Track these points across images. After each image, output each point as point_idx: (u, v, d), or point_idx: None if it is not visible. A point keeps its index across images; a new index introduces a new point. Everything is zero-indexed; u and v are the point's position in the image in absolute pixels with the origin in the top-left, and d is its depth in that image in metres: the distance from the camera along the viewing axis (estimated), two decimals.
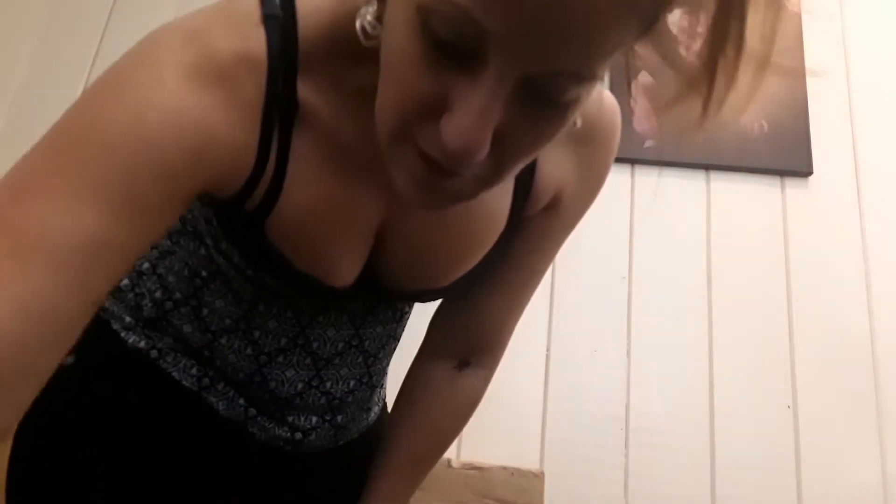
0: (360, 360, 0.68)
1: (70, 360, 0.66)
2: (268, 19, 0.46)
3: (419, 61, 0.39)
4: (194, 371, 0.64)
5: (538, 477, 1.29)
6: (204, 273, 0.62)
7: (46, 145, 0.42)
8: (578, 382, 1.43)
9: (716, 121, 0.38)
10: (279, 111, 0.47)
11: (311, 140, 0.50)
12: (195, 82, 0.43)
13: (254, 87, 0.46)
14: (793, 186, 1.57)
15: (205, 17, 0.46)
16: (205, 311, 0.63)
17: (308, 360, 0.65)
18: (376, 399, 0.75)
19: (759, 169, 1.57)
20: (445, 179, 0.43)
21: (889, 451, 1.37)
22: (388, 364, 0.74)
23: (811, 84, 1.64)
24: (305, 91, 0.48)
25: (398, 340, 0.73)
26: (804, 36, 1.68)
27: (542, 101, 0.39)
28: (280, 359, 0.64)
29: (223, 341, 0.63)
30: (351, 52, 0.47)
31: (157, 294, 0.65)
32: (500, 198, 0.59)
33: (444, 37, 0.37)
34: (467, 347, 0.74)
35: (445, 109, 0.39)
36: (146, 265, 0.66)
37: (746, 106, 0.37)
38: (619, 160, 1.58)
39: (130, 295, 0.66)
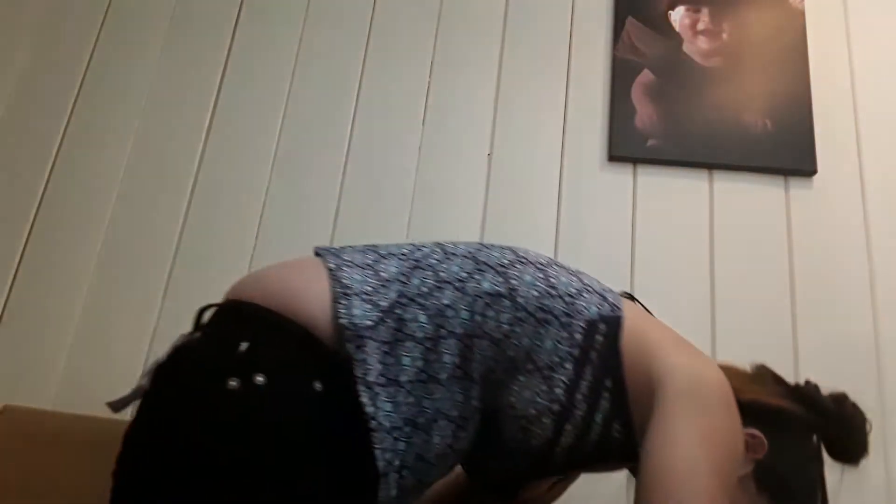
0: None
1: (261, 379, 0.60)
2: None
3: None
4: (397, 463, 0.63)
5: None
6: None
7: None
8: None
9: None
10: None
11: None
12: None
13: None
14: (796, 185, 1.57)
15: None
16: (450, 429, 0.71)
17: None
18: None
19: (763, 168, 1.56)
20: None
21: (893, 452, 1.36)
22: None
23: (815, 82, 1.63)
24: None
25: None
26: (808, 34, 1.67)
27: None
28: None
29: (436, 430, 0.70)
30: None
31: (452, 358, 0.72)
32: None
33: None
34: None
35: None
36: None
37: None
38: (620, 159, 1.58)
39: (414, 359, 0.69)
